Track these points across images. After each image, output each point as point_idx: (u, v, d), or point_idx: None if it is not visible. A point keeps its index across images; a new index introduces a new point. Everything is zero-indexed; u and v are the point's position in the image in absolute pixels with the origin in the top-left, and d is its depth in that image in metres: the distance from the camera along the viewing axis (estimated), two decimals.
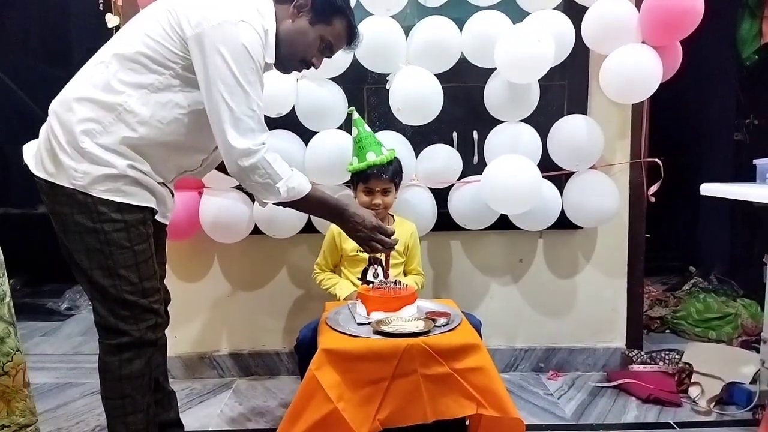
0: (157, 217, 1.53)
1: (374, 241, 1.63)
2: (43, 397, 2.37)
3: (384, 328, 1.52)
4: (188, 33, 1.38)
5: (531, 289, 2.54)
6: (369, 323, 1.58)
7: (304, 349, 1.79)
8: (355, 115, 2.05)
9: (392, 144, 2.14)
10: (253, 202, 2.22)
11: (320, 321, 1.73)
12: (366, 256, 2.06)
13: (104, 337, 1.48)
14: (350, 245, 2.09)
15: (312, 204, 1.59)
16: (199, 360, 2.55)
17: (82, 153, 1.38)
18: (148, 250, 1.48)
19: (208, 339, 2.55)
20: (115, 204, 1.41)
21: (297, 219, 2.27)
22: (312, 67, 1.61)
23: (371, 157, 2.00)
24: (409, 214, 2.20)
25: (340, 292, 2.05)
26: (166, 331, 1.61)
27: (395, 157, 2.07)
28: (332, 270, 2.19)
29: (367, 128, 2.05)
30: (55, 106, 1.44)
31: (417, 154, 2.28)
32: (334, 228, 2.12)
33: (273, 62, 1.53)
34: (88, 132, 1.39)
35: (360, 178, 2.05)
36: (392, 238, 1.66)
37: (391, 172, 2.03)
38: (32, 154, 1.47)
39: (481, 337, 1.85)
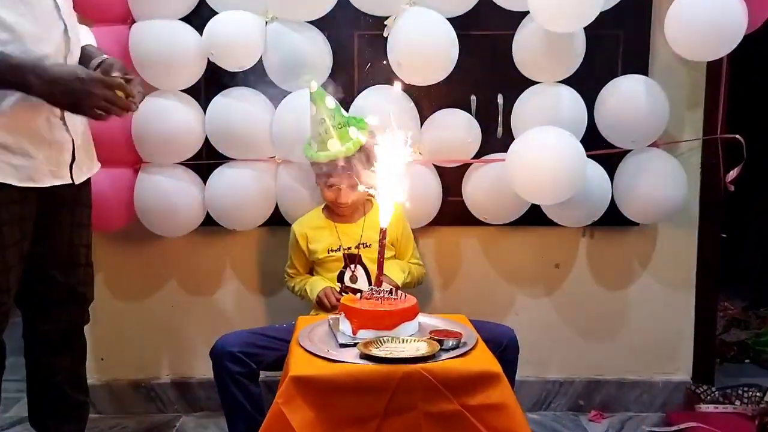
0: (41, 183, 1.61)
1: (97, 98, 1.56)
2: None
3: (374, 351, 1.51)
4: None
5: (570, 303, 2.54)
6: (355, 344, 1.57)
7: (219, 356, 1.90)
8: (313, 86, 2.05)
9: (390, 108, 2.13)
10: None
11: (291, 340, 1.72)
12: (340, 255, 2.12)
13: None
14: (320, 246, 2.14)
15: None
16: (133, 390, 2.54)
17: None
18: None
19: (145, 363, 2.54)
20: None
21: (261, 206, 2.28)
22: None
23: (334, 147, 2.03)
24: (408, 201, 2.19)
25: (311, 293, 2.10)
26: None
27: (368, 137, 2.06)
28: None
29: (330, 103, 2.06)
30: None
31: (422, 121, 2.27)
32: (295, 227, 2.19)
33: None
34: None
35: (320, 169, 2.08)
36: None
37: (360, 163, 2.03)
38: None
39: (517, 355, 1.94)
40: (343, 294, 2.02)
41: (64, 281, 1.78)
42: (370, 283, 2.07)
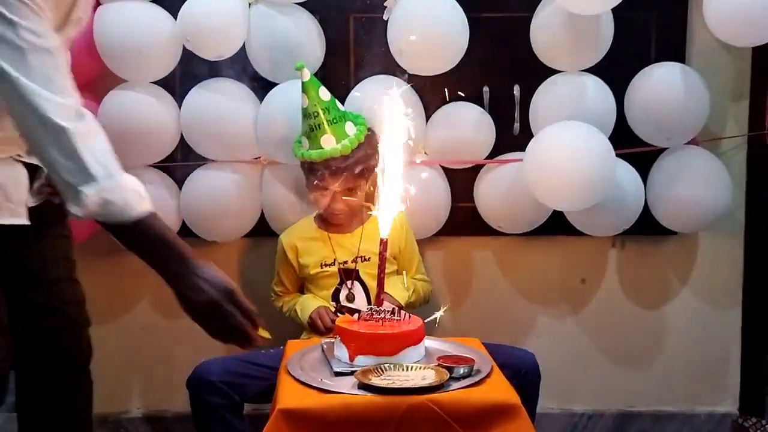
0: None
1: (225, 320, 1.54)
2: None
3: (375, 381, 1.51)
4: None
5: (598, 323, 2.54)
6: (352, 372, 1.57)
7: (198, 386, 1.92)
8: (306, 76, 2.05)
9: (392, 101, 2.13)
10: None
11: (280, 368, 1.72)
12: (335, 270, 2.13)
13: None
14: (311, 260, 2.15)
15: (140, 238, 1.55)
16: (99, 425, 2.53)
17: None
18: None
19: (113, 394, 2.54)
20: None
21: (245, 214, 2.29)
22: None
23: (328, 144, 2.03)
24: (412, 207, 2.19)
25: (302, 313, 2.10)
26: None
27: (367, 134, 2.07)
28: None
29: (324, 94, 2.06)
30: None
31: (428, 117, 2.28)
32: (283, 238, 2.21)
33: None
34: None
35: (312, 171, 2.08)
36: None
37: (359, 164, 2.03)
38: None
39: (538, 383, 1.95)
40: (339, 315, 2.02)
41: (44, 302, 1.71)
42: (369, 303, 2.07)
